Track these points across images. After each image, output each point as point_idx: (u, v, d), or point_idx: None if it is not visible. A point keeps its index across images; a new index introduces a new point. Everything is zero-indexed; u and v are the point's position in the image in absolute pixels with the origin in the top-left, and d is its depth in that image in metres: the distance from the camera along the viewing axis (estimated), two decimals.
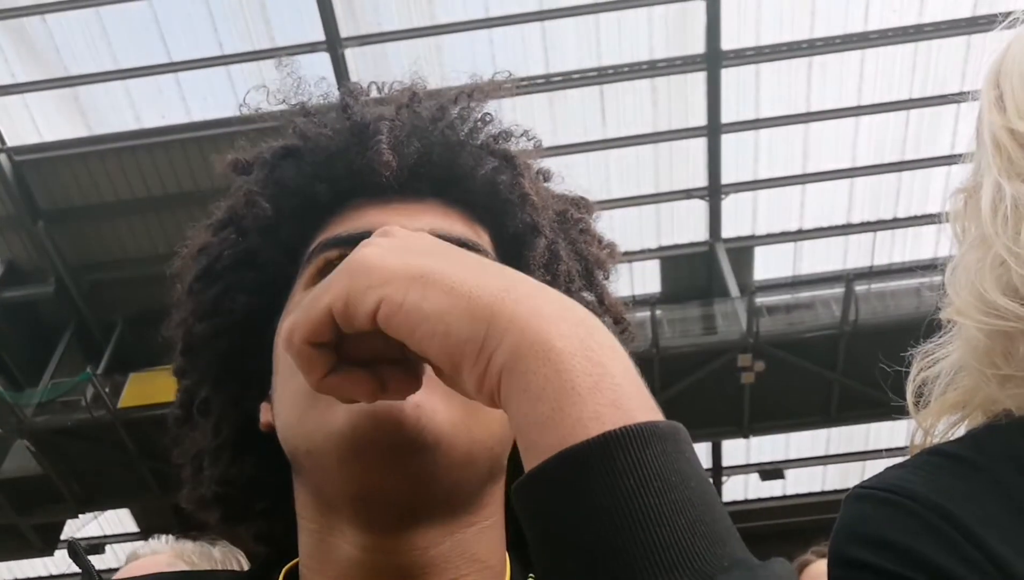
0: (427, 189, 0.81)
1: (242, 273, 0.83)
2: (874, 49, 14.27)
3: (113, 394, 13.90)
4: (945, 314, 0.89)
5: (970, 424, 0.86)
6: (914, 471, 0.78)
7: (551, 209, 0.85)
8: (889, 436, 17.03)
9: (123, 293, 15.21)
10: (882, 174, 15.66)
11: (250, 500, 0.84)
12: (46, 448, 13.93)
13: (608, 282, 0.91)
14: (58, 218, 15.02)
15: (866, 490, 0.79)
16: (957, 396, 0.87)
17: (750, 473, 18.13)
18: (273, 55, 13.91)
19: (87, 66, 14.11)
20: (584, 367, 0.52)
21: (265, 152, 0.86)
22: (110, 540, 18.29)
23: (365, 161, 0.79)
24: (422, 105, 0.86)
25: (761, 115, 14.96)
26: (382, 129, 0.80)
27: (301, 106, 0.87)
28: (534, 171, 0.87)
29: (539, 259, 0.81)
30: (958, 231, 0.90)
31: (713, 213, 15.79)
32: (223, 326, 0.83)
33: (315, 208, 0.81)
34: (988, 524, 0.70)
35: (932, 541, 0.70)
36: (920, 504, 0.72)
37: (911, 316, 12.72)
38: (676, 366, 13.32)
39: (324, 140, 0.82)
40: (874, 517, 0.75)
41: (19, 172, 14.57)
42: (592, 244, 0.90)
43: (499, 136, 0.85)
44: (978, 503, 0.72)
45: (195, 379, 0.86)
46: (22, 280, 15.75)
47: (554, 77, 14.46)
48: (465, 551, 0.72)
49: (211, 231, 0.87)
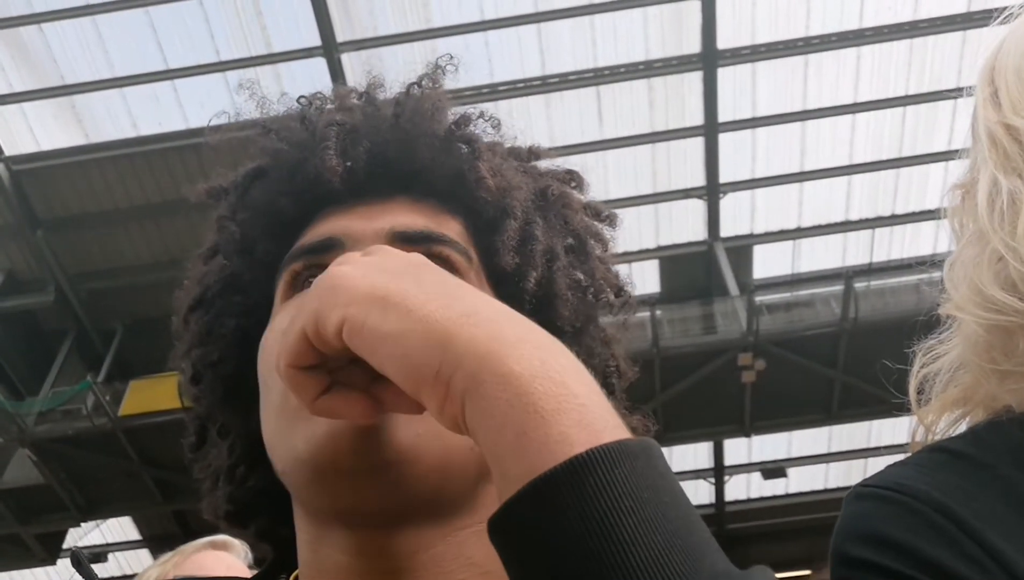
0: (390, 187, 0.80)
1: (229, 297, 0.83)
2: (870, 46, 14.30)
3: (114, 402, 13.91)
4: (944, 310, 0.88)
5: (971, 420, 0.85)
6: (915, 468, 0.77)
7: (527, 188, 0.83)
8: (892, 433, 17.02)
9: (122, 301, 15.23)
10: (880, 171, 15.68)
11: (261, 510, 0.84)
12: (47, 457, 13.94)
13: (606, 253, 0.89)
14: (56, 227, 15.03)
15: (867, 488, 0.78)
16: (958, 392, 0.87)
17: (752, 472, 18.14)
18: (270, 61, 13.92)
19: (84, 74, 14.13)
20: (546, 389, 0.51)
21: (238, 175, 0.86)
22: (112, 548, 18.29)
23: (316, 170, 0.78)
24: (377, 104, 0.85)
25: (758, 114, 14.99)
26: (329, 136, 0.79)
27: (261, 126, 0.87)
28: (499, 153, 0.85)
29: (509, 242, 0.79)
30: (956, 227, 0.90)
31: (712, 212, 15.80)
32: (219, 352, 0.83)
33: (284, 223, 0.81)
34: (990, 521, 0.69)
35: (934, 538, 0.70)
36: (921, 501, 0.72)
37: (911, 312, 12.48)
38: (676, 366, 13.34)
39: (284, 155, 0.82)
40: (875, 515, 0.75)
41: (17, 181, 14.58)
42: (579, 217, 0.87)
43: (458, 122, 0.83)
44: (980, 500, 0.72)
45: (206, 406, 0.86)
46: (21, 289, 15.76)
47: (551, 79, 14.48)
48: (460, 554, 0.71)
49: (201, 260, 0.88)
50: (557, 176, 0.89)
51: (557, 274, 0.81)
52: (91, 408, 13.89)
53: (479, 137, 0.83)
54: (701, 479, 18.10)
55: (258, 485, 0.83)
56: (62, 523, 15.34)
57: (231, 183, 0.86)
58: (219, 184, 0.88)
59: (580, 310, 0.82)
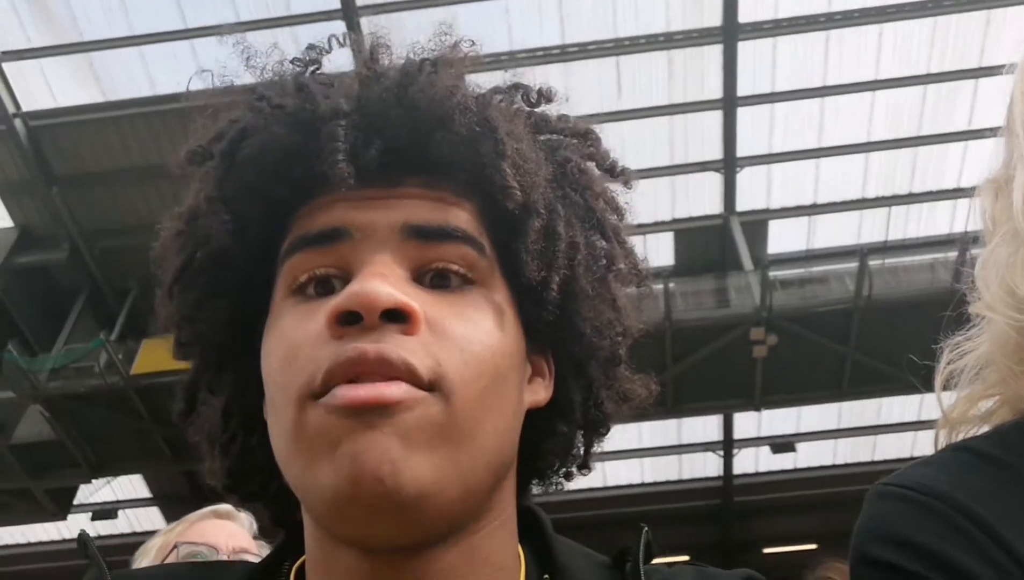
0: (402, 171, 0.74)
1: (219, 274, 0.79)
2: (892, 23, 14.14)
3: (126, 360, 13.97)
4: (974, 309, 0.86)
5: (996, 420, 0.84)
6: (939, 469, 0.76)
7: (546, 172, 0.77)
8: (901, 411, 17.04)
9: (136, 259, 15.13)
10: (898, 149, 15.56)
11: (263, 484, 0.82)
12: (60, 414, 14.04)
13: (622, 221, 0.86)
14: (72, 183, 15.06)
15: (890, 487, 0.77)
16: (983, 391, 0.85)
17: (761, 446, 18.18)
18: (289, 23, 13.86)
19: (102, 32, 14.09)
20: None
21: (221, 137, 0.79)
22: (123, 505, 18.48)
23: (322, 171, 0.72)
24: (383, 79, 0.77)
25: (777, 88, 14.87)
26: (337, 135, 0.72)
27: (252, 90, 0.81)
28: (521, 131, 0.77)
29: (533, 247, 0.73)
30: (988, 224, 0.87)
31: (728, 186, 15.73)
32: (210, 328, 0.80)
33: (279, 207, 0.76)
34: (1015, 526, 0.68)
35: (957, 542, 0.69)
36: (946, 504, 0.71)
37: (924, 291, 12.68)
38: (689, 339, 13.32)
39: (279, 137, 0.75)
40: (898, 516, 0.74)
41: (34, 137, 14.60)
42: (597, 193, 0.83)
43: (476, 104, 0.76)
44: (1005, 504, 0.70)
45: (194, 372, 0.84)
46: (36, 245, 15.82)
47: (570, 48, 14.38)
48: (474, 556, 0.71)
49: (181, 220, 0.82)
50: (574, 138, 0.85)
51: (578, 268, 0.78)
52: (103, 366, 13.95)
53: (500, 121, 0.75)
54: (710, 452, 18.16)
55: (258, 459, 0.80)
56: (73, 479, 15.48)
57: (213, 145, 0.80)
58: (200, 146, 0.83)
59: (595, 293, 0.80)
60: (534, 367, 0.81)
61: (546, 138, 0.84)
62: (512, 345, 0.74)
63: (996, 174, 0.88)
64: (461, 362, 0.68)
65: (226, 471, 0.83)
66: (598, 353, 0.82)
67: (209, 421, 0.84)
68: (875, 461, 18.27)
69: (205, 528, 2.07)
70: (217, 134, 0.80)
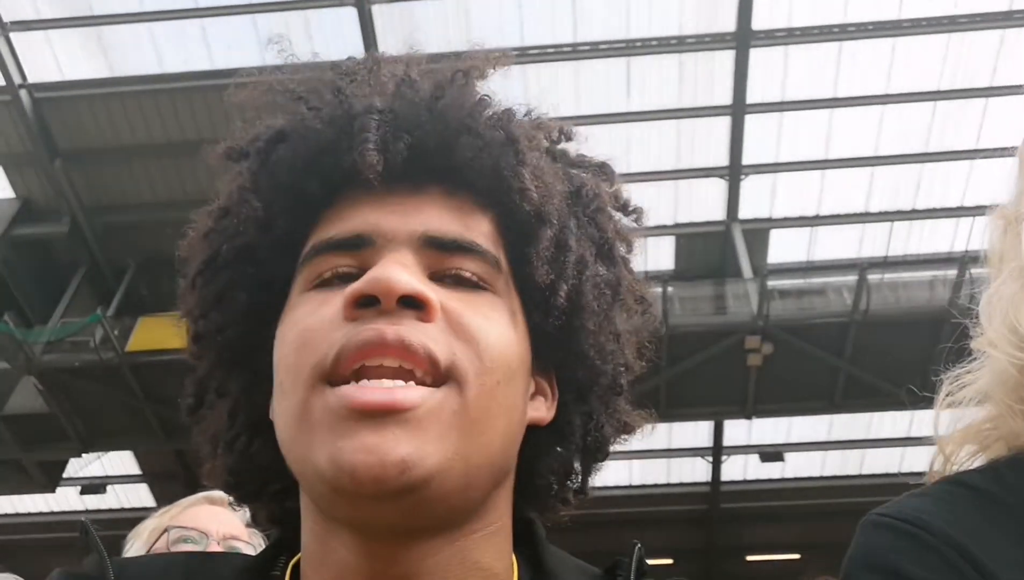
0: (425, 177, 0.77)
1: (241, 269, 0.80)
2: (906, 38, 14.14)
3: (122, 337, 13.98)
4: (976, 344, 0.87)
5: (991, 454, 0.85)
6: (934, 502, 0.77)
7: (562, 189, 0.80)
8: (892, 427, 17.05)
9: (136, 237, 15.24)
10: (904, 164, 15.56)
11: (264, 484, 0.83)
12: (53, 387, 14.04)
13: (630, 256, 0.88)
14: (75, 158, 15.04)
15: (884, 518, 0.77)
16: (980, 425, 0.86)
17: (750, 454, 18.20)
18: (300, 6, 13.84)
19: (112, 6, 14.08)
20: None
21: (259, 138, 0.81)
22: (112, 481, 18.49)
23: (352, 161, 0.74)
24: (416, 87, 0.80)
25: (787, 98, 14.87)
26: (369, 126, 0.74)
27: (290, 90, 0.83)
28: (541, 149, 0.82)
29: (544, 253, 0.76)
30: (995, 258, 0.88)
31: (732, 193, 15.73)
32: (228, 321, 0.81)
33: (307, 202, 0.78)
34: (1004, 563, 0.69)
35: (946, 577, 0.69)
36: (938, 538, 0.71)
37: (922, 309, 12.69)
38: (684, 344, 13.32)
39: (313, 133, 0.77)
40: (890, 547, 0.74)
41: (38, 109, 14.59)
42: (609, 220, 0.85)
43: (501, 117, 0.79)
44: (996, 541, 0.71)
45: (206, 368, 0.84)
46: (36, 218, 15.82)
47: (581, 46, 14.37)
48: (466, 558, 0.72)
49: (210, 218, 0.83)
50: (590, 170, 0.88)
51: (586, 284, 0.79)
52: (99, 341, 13.96)
53: (522, 135, 0.79)
54: (699, 457, 18.17)
55: (261, 459, 0.81)
56: (63, 452, 15.48)
57: (251, 145, 0.82)
58: (238, 145, 0.84)
59: (600, 313, 0.81)
60: (537, 386, 0.82)
61: (563, 166, 0.86)
62: (522, 349, 0.76)
63: (1006, 208, 0.87)
64: (476, 354, 0.70)
65: (228, 470, 0.84)
66: (600, 378, 0.83)
67: (215, 419, 0.85)
68: (863, 475, 18.30)
69: (197, 513, 2.07)
70: (254, 135, 0.82)
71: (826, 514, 17.53)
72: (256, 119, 0.84)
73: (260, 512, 0.88)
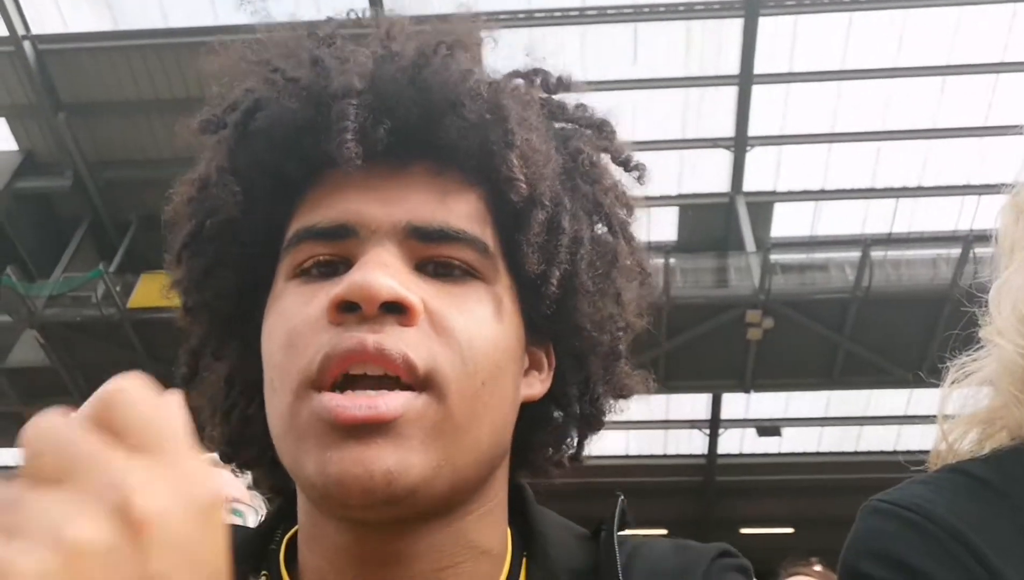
0: (409, 155, 0.74)
1: (226, 246, 0.79)
2: (917, 9, 14.01)
3: (124, 293, 13.99)
4: (984, 333, 0.86)
5: (994, 443, 0.85)
6: (935, 490, 0.77)
7: (555, 165, 0.77)
8: (890, 404, 17.08)
9: (139, 193, 15.21)
10: (911, 140, 15.48)
11: (261, 452, 0.82)
12: (54, 341, 14.09)
13: (630, 219, 0.86)
14: (79, 112, 14.98)
15: (885, 504, 0.77)
16: (984, 414, 0.86)
17: (747, 427, 18.26)
18: None
19: None
20: None
21: (235, 107, 0.79)
22: None
23: (331, 146, 0.72)
24: (398, 58, 0.76)
25: (795, 69, 14.77)
26: (348, 114, 0.71)
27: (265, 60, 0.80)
28: (535, 115, 0.78)
29: (535, 239, 0.74)
30: (1006, 247, 0.87)
31: (737, 165, 15.67)
32: (216, 296, 0.81)
33: (287, 183, 0.76)
34: (1005, 553, 0.69)
35: (947, 566, 0.69)
36: (938, 526, 0.72)
37: (925, 287, 12.68)
38: (684, 316, 13.32)
39: (290, 113, 0.74)
40: (890, 534, 0.74)
41: (42, 61, 14.51)
42: (608, 187, 0.83)
43: (489, 89, 0.75)
44: (996, 530, 0.71)
45: (199, 338, 0.84)
46: (39, 171, 15.79)
47: (588, 11, 14.27)
48: (460, 538, 0.72)
49: (193, 186, 0.81)
50: (589, 129, 0.85)
51: (581, 263, 0.78)
52: (100, 297, 13.99)
53: (512, 108, 0.75)
54: (696, 430, 18.24)
55: (257, 429, 0.80)
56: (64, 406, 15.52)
57: (227, 115, 0.80)
58: (213, 115, 0.83)
59: (596, 289, 0.80)
60: (533, 359, 0.81)
61: (560, 127, 0.84)
62: (511, 339, 0.75)
63: (1019, 196, 0.86)
64: (459, 359, 0.69)
65: (225, 438, 0.84)
66: (598, 348, 0.82)
67: (212, 386, 0.85)
68: (859, 451, 18.36)
69: None
70: (231, 104, 0.81)
71: (821, 490, 17.62)
72: (233, 84, 0.82)
73: (261, 480, 0.88)
